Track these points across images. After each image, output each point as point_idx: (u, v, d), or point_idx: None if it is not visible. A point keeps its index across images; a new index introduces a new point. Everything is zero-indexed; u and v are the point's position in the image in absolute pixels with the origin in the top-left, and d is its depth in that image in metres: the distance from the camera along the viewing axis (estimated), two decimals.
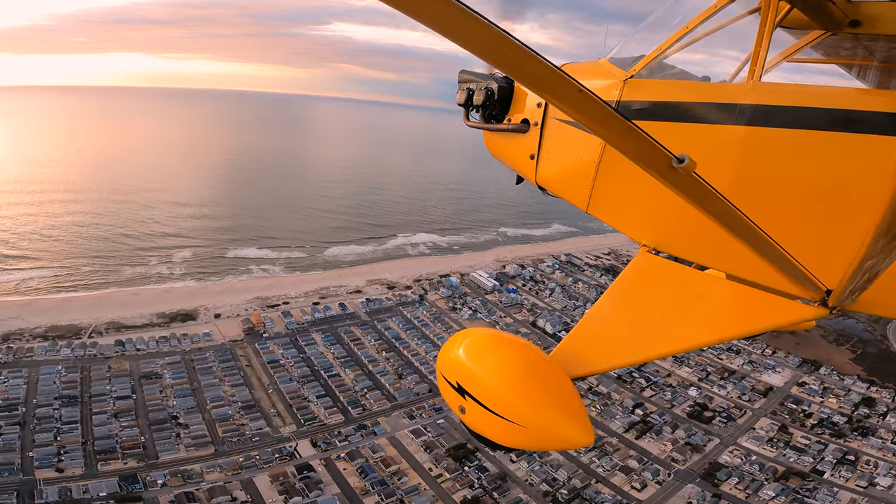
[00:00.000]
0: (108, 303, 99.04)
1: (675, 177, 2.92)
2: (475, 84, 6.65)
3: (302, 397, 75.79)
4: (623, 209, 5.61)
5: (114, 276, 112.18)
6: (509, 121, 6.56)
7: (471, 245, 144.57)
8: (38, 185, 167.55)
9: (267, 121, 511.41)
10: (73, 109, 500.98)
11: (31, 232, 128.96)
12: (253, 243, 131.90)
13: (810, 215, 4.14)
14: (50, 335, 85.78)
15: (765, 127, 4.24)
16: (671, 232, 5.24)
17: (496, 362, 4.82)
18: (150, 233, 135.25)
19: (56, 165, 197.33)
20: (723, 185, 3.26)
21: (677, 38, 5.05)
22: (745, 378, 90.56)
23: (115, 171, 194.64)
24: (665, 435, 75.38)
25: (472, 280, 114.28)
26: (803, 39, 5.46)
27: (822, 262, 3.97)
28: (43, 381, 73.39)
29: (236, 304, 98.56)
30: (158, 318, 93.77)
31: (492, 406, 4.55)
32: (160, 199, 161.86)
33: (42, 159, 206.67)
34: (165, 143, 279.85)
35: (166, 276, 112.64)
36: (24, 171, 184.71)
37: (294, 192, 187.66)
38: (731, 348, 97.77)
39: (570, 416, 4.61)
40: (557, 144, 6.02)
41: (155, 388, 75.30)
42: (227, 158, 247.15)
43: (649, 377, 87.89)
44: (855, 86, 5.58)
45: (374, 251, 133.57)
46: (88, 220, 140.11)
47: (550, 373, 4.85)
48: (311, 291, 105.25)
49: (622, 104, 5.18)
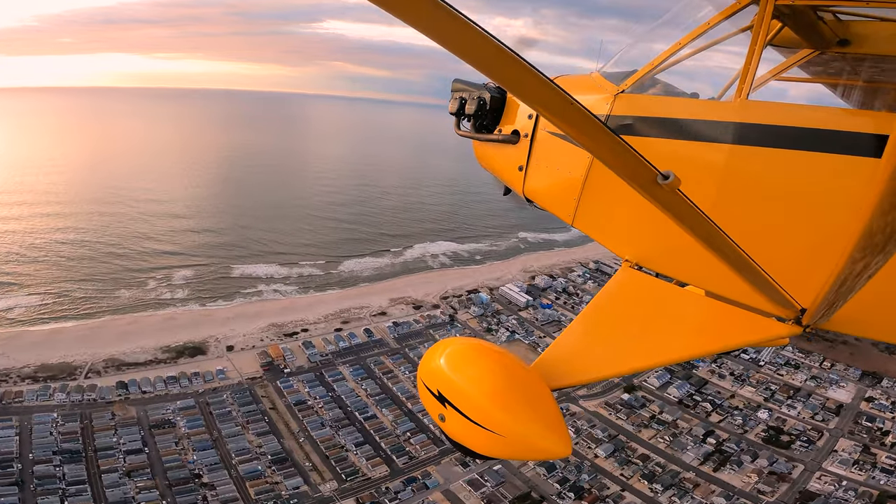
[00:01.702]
0: (103, 334, 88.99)
1: (659, 193, 2.90)
2: (468, 93, 6.55)
3: (339, 446, 66.86)
4: (608, 224, 5.59)
5: (107, 301, 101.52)
6: (500, 131, 6.47)
7: (493, 253, 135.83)
8: (21, 196, 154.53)
9: (259, 120, 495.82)
10: (61, 111, 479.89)
11: (11, 252, 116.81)
12: (259, 259, 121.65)
13: (789, 235, 4.15)
14: (40, 376, 75.91)
15: (749, 145, 4.23)
16: (653, 248, 5.22)
17: (476, 372, 4.78)
18: (145, 250, 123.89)
19: (40, 172, 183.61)
20: (705, 203, 3.35)
21: (669, 55, 5.03)
22: (811, 395, 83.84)
23: (104, 178, 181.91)
24: (746, 465, 68.72)
25: (502, 295, 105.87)
26: (792, 58, 5.84)
27: (798, 281, 3.97)
28: (37, 431, 64.18)
29: (250, 334, 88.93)
30: (163, 352, 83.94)
31: (471, 415, 4.54)
32: (154, 211, 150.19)
33: (26, 165, 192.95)
34: (155, 145, 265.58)
35: (167, 301, 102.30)
36: (4, 180, 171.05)
37: (296, 197, 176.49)
38: (788, 362, 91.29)
39: (548, 426, 4.60)
40: (546, 157, 5.98)
41: (169, 439, 66.12)
42: (221, 160, 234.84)
43: (713, 400, 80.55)
44: (839, 105, 5.82)
45: (392, 265, 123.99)
46: (76, 238, 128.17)
47: (530, 383, 4.86)
48: (331, 315, 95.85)
49: (612, 119, 5.15)
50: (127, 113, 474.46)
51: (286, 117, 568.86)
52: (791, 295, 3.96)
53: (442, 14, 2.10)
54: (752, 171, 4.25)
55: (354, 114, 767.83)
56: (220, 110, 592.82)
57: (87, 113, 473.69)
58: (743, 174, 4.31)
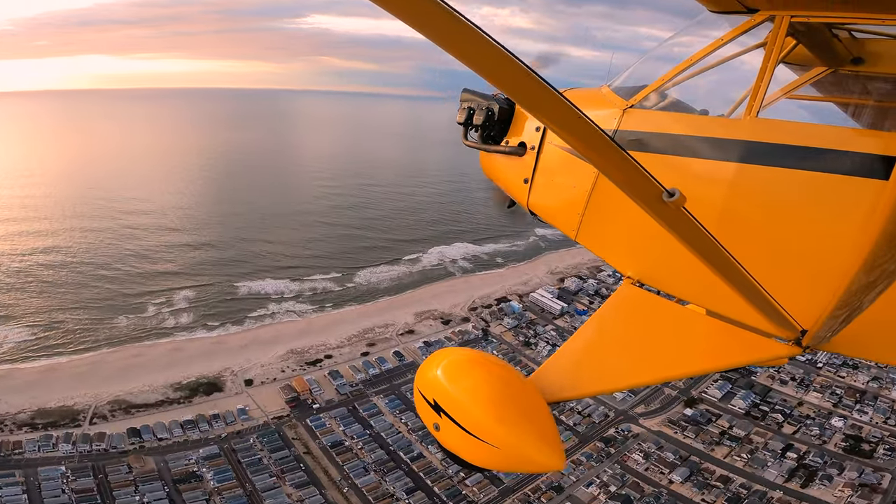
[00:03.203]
0: (103, 370, 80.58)
1: (664, 210, 2.87)
2: (476, 104, 6.42)
3: (388, 495, 59.81)
4: (611, 240, 5.55)
5: (103, 331, 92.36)
6: (507, 143, 6.39)
7: (513, 254, 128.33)
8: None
9: (246, 118, 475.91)
10: (38, 115, 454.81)
11: None
12: (266, 274, 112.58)
13: (792, 255, 4.07)
14: (39, 423, 68.11)
15: (756, 164, 4.16)
16: (655, 266, 5.17)
17: (473, 382, 4.82)
18: (139, 271, 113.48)
19: (16, 185, 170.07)
20: (710, 221, 3.26)
21: (680, 70, 4.95)
22: (878, 398, 78.68)
23: (85, 188, 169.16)
24: (835, 479, 63.65)
25: (533, 302, 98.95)
26: (804, 76, 5.78)
27: (799, 301, 3.94)
28: (47, 488, 57.32)
29: (268, 364, 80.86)
30: (175, 390, 75.74)
31: (466, 425, 4.56)
32: (143, 224, 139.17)
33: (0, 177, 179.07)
34: (137, 149, 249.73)
35: (170, 329, 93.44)
36: None
37: (296, 202, 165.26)
38: (846, 363, 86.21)
39: (544, 439, 4.59)
40: (552, 170, 5.93)
41: (197, 495, 59.08)
42: (210, 163, 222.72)
43: (783, 410, 74.97)
44: (850, 124, 5.61)
45: (411, 273, 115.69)
46: (61, 259, 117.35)
47: (527, 396, 4.89)
48: (354, 336, 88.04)
49: (619, 133, 5.08)
50: (107, 115, 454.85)
51: (274, 114, 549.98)
52: (793, 316, 3.94)
53: (457, 26, 2.09)
54: (758, 190, 4.15)
55: (344, 108, 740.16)
56: (204, 110, 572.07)
57: (65, 117, 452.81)
58: (749, 193, 4.21)
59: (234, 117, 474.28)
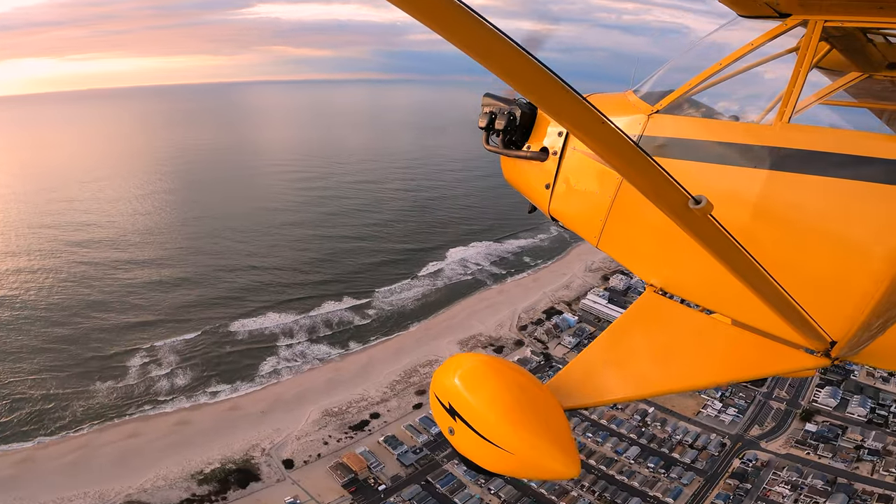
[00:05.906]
0: (96, 458, 66.36)
1: (690, 217, 2.84)
2: (498, 108, 6.34)
3: None
4: (634, 247, 5.42)
5: (81, 404, 75.64)
6: (528, 148, 6.25)
7: (540, 251, 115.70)
8: None
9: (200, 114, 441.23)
10: None
11: None
12: (264, 307, 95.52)
13: (823, 266, 3.91)
14: None
15: (787, 171, 4.03)
16: (680, 274, 5.02)
17: (489, 387, 4.69)
18: (105, 324, 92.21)
19: None
20: (738, 230, 3.20)
21: (708, 76, 4.82)
22: None
23: (24, 214, 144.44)
24: None
25: (586, 310, 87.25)
26: (838, 81, 5.64)
27: (829, 312, 3.82)
28: None
29: (304, 435, 66.11)
30: (199, 483, 60.90)
31: (481, 430, 4.48)
32: (100, 259, 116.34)
33: None
34: (84, 160, 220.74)
35: (164, 393, 76.96)
36: None
37: (280, 210, 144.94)
38: None
39: (559, 446, 4.46)
40: (574, 176, 5.81)
41: None
42: (167, 169, 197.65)
43: None
44: (885, 131, 5.65)
45: (435, 288, 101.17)
46: (7, 316, 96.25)
47: (543, 402, 4.75)
48: (396, 382, 74.02)
49: (644, 139, 4.97)
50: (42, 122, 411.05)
51: (227, 108, 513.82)
52: (822, 327, 3.84)
53: (479, 29, 2.10)
54: (788, 198, 4.03)
55: (304, 97, 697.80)
56: (153, 108, 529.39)
57: None
58: (779, 201, 4.07)
59: (184, 114, 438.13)
